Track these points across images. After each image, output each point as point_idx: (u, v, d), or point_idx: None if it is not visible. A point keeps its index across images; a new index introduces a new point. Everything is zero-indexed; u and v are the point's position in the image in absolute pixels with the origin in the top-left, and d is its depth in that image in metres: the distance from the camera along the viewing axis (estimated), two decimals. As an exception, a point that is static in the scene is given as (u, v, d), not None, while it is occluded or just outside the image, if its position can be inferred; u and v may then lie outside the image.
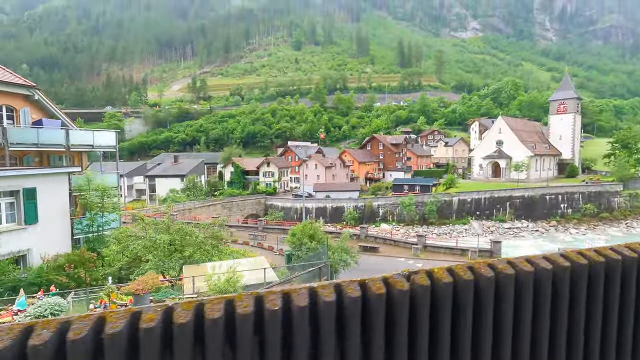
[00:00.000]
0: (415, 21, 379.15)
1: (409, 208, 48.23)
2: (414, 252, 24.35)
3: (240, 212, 51.56)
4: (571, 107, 71.78)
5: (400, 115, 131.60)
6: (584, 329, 1.45)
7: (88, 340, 0.89)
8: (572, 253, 1.47)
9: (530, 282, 1.33)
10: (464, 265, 1.30)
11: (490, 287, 1.27)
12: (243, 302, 1.02)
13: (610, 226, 47.80)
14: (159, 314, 0.96)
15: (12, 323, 0.92)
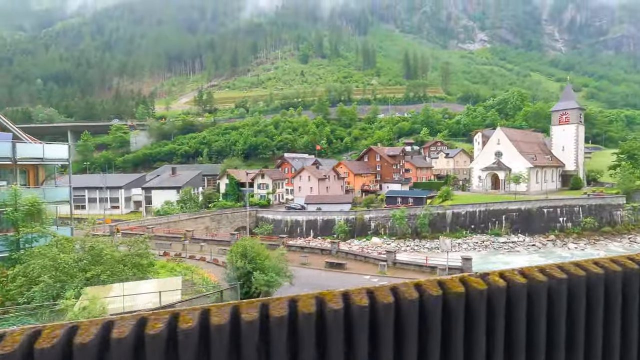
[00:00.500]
0: (423, 34, 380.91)
1: (401, 221, 47.05)
2: (380, 269, 23.26)
3: (230, 224, 51.04)
4: (573, 117, 70.05)
5: (403, 127, 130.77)
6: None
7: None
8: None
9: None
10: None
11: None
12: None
13: (611, 241, 45.70)
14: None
15: None
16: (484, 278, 1.34)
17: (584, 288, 1.41)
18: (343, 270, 23.87)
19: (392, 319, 1.17)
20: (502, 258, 40.29)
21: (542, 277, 1.37)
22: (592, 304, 1.44)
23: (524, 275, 1.38)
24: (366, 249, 30.81)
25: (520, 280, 1.34)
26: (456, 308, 1.23)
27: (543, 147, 72.74)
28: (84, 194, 72.39)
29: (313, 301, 1.11)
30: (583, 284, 1.42)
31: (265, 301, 1.09)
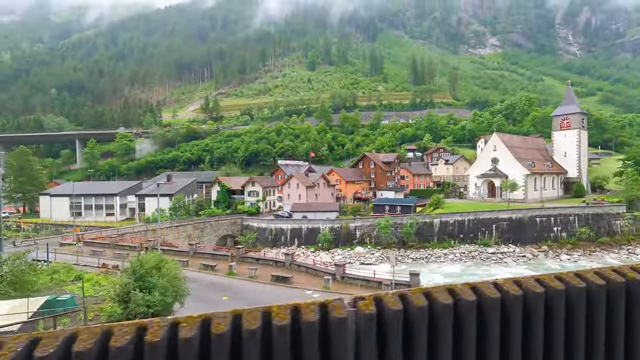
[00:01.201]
0: (432, 39, 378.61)
1: (385, 230, 45.69)
2: (324, 284, 22.04)
3: (214, 232, 50.55)
4: (575, 122, 67.51)
5: (406, 133, 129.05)
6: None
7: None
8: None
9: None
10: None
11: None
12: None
13: (609, 252, 43.24)
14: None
15: None
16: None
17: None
18: (288, 285, 22.81)
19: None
20: (487, 270, 38.50)
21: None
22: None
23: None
24: (317, 262, 29.33)
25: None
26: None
27: (544, 153, 70.24)
28: (81, 201, 73.25)
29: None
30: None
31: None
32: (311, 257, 42.54)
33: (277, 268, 26.12)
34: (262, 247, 50.43)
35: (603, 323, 1.41)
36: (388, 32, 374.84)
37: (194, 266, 26.44)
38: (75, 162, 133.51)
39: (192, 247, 30.65)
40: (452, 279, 36.26)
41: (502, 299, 1.30)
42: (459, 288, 1.29)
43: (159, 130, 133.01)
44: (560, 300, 1.35)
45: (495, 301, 1.28)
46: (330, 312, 1.13)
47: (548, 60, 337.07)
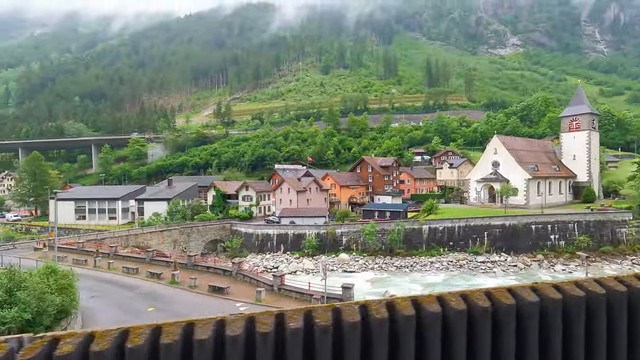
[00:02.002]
0: (450, 40, 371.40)
1: (370, 236, 44.28)
2: (256, 296, 20.99)
3: (202, 237, 50.50)
4: (585, 123, 63.81)
5: (415, 136, 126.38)
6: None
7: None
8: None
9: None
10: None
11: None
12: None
13: (610, 262, 40.18)
14: None
15: None
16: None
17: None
18: (222, 295, 22.01)
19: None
20: (471, 280, 36.49)
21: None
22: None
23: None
24: (258, 271, 28.30)
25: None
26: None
27: (551, 156, 66.76)
28: (85, 205, 75.22)
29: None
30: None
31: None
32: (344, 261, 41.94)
33: (223, 277, 25.44)
34: (248, 253, 50.03)
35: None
36: (404, 35, 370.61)
37: (142, 274, 26.21)
38: (91, 166, 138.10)
39: (149, 254, 30.46)
40: (431, 289, 34.56)
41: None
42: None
43: (169, 136, 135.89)
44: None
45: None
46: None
47: (572, 59, 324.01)
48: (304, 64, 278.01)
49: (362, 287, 36.30)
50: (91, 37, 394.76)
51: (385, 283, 37.22)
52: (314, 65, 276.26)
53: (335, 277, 40.24)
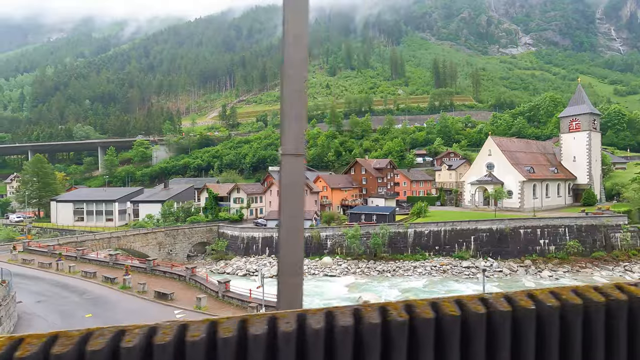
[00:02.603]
0: (460, 40, 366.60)
1: (353, 240, 43.52)
2: (196, 303, 20.50)
3: (188, 240, 50.51)
4: (585, 123, 61.74)
5: (417, 137, 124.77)
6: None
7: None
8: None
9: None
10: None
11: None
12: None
13: (602, 269, 38.51)
14: None
15: None
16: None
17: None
18: (165, 302, 21.66)
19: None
20: (451, 286, 35.41)
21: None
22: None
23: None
24: (207, 277, 27.88)
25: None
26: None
27: (551, 158, 64.81)
28: (83, 207, 76.37)
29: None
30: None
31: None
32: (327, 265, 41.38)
33: (177, 282, 25.17)
34: (233, 256, 49.83)
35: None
36: (413, 35, 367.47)
37: (99, 278, 26.16)
38: (98, 168, 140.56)
39: (112, 258, 30.44)
40: (408, 294, 33.67)
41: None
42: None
43: (173, 138, 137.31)
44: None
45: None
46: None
47: (586, 57, 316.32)
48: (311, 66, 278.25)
49: (339, 292, 35.67)
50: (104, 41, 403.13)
51: (363, 288, 36.46)
52: (321, 67, 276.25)
53: (314, 281, 39.69)
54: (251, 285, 38.55)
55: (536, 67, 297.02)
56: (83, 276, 26.26)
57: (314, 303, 31.95)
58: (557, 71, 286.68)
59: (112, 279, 25.29)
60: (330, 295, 34.18)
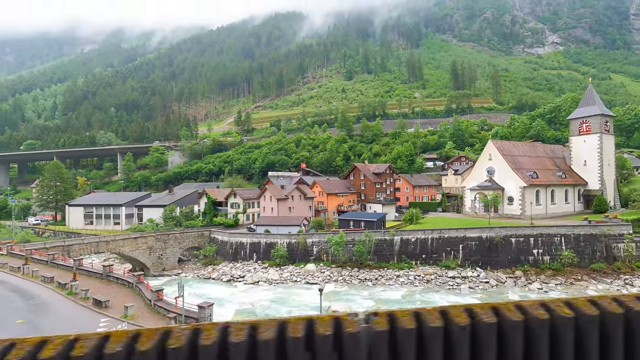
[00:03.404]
0: (483, 41, 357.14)
1: (337, 247, 42.61)
2: (124, 312, 20.21)
3: (179, 244, 51.14)
4: (596, 126, 58.09)
5: (428, 141, 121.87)
6: None
7: None
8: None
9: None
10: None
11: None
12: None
13: (599, 282, 35.72)
14: None
15: None
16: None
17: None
18: (99, 309, 21.60)
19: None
20: (430, 297, 33.84)
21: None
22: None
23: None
24: (149, 285, 27.48)
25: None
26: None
27: (560, 162, 61.35)
28: (92, 211, 79.22)
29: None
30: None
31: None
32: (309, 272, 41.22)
33: (126, 289, 25.27)
34: (222, 261, 49.98)
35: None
36: (434, 37, 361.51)
37: (54, 283, 26.72)
38: (117, 173, 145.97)
39: (75, 263, 31.05)
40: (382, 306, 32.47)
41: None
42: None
43: (187, 144, 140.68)
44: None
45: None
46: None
47: (619, 55, 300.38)
48: (328, 71, 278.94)
49: (314, 301, 34.82)
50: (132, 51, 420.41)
51: (339, 297, 35.48)
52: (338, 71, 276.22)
53: (293, 289, 39.08)
54: (229, 292, 38.45)
55: (563, 67, 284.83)
56: (42, 281, 27.07)
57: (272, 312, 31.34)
58: (586, 70, 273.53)
59: (63, 285, 25.84)
60: (301, 303, 33.45)
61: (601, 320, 1.28)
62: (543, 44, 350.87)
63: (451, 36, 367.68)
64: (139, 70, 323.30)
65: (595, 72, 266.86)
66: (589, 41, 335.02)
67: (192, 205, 69.40)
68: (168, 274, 47.46)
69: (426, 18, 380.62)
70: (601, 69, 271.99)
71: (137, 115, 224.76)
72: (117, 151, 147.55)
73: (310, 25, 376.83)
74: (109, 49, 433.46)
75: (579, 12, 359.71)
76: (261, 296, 36.52)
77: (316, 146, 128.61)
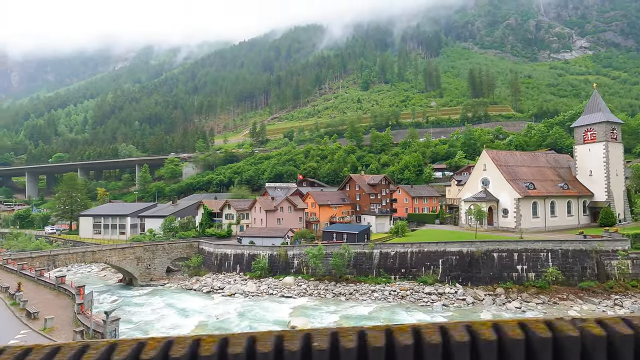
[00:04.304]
0: (506, 48, 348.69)
1: (315, 260, 42.00)
2: (44, 324, 20.17)
3: (167, 255, 52.03)
4: (602, 134, 54.83)
5: (438, 151, 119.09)
6: None
7: None
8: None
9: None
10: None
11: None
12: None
13: (585, 302, 33.11)
14: None
15: None
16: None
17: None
18: (28, 321, 21.87)
19: None
20: (399, 314, 32.52)
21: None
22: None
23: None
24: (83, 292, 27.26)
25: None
26: None
27: (563, 172, 58.16)
28: (101, 221, 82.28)
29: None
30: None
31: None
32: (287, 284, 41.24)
33: (68, 300, 25.74)
34: (206, 272, 50.36)
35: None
36: (455, 45, 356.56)
37: (6, 293, 27.58)
38: (135, 184, 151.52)
39: (37, 273, 32.06)
40: (345, 322, 31.51)
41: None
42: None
43: (200, 155, 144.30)
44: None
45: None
46: None
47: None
48: (345, 82, 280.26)
49: (281, 316, 34.31)
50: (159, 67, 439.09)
51: (306, 312, 34.72)
52: (355, 82, 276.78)
53: (267, 302, 38.69)
54: (203, 303, 38.53)
55: (592, 72, 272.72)
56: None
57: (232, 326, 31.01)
58: (616, 75, 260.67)
59: (12, 294, 26.84)
60: (264, 318, 32.99)
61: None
62: (570, 49, 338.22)
63: (472, 44, 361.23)
64: (163, 85, 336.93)
65: (626, 77, 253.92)
66: (620, 44, 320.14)
67: (191, 216, 70.74)
68: (155, 284, 48.25)
69: (447, 26, 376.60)
70: (633, 73, 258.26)
71: (160, 128, 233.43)
72: (136, 163, 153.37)
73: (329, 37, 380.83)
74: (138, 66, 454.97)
75: (609, 15, 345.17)
76: (231, 309, 36.36)
77: (325, 157, 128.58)
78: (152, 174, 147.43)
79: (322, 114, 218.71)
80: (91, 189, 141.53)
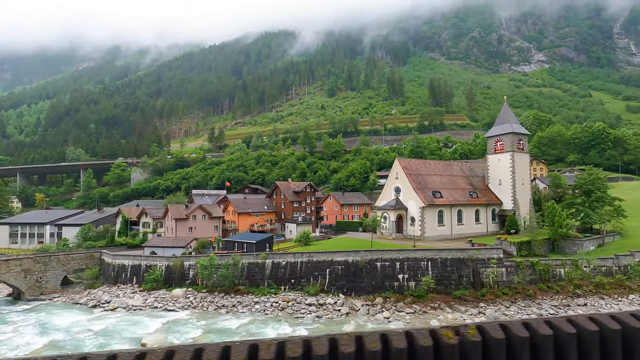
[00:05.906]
0: (470, 59, 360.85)
1: (204, 271, 40.54)
2: None
3: (63, 267, 49.12)
4: (509, 144, 56.52)
5: (386, 159, 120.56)
6: None
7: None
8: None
9: None
10: None
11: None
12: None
13: (454, 310, 33.33)
14: None
15: None
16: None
17: None
18: None
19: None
20: (261, 329, 31.51)
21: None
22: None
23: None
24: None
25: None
26: None
27: (476, 182, 59.48)
28: (18, 229, 77.43)
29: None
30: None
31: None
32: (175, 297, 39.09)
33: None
34: (101, 284, 47.87)
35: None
36: (422, 55, 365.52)
37: None
38: (79, 190, 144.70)
39: None
40: (208, 337, 30.18)
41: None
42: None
43: (149, 160, 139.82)
44: None
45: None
46: None
47: (602, 73, 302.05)
48: (312, 88, 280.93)
49: (142, 334, 32.50)
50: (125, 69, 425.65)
51: (176, 327, 33.14)
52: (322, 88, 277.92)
53: (144, 316, 36.85)
54: (76, 319, 36.14)
55: (547, 84, 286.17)
56: None
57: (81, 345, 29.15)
58: (568, 88, 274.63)
59: None
60: (125, 337, 31.15)
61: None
62: (529, 62, 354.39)
63: (439, 54, 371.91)
64: (126, 87, 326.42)
65: (576, 90, 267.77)
66: (574, 59, 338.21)
67: (110, 224, 67.66)
68: (43, 299, 45.27)
69: (416, 36, 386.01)
70: (583, 86, 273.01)
71: (117, 131, 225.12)
72: (81, 167, 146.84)
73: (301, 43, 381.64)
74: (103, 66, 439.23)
75: (564, 31, 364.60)
76: (100, 324, 34.30)
77: (276, 163, 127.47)
78: (99, 180, 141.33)
79: (285, 119, 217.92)
80: (29, 195, 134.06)
